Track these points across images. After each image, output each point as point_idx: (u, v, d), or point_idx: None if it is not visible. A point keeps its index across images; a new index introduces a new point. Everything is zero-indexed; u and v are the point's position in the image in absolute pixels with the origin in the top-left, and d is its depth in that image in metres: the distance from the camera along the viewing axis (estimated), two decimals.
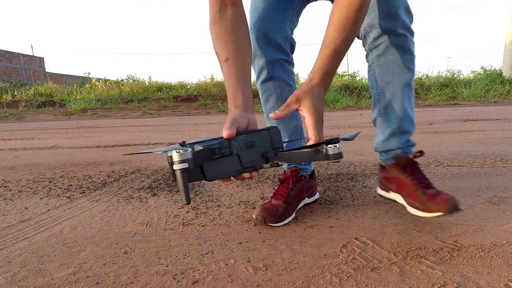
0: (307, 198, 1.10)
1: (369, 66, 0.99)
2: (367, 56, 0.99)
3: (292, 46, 1.05)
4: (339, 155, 0.62)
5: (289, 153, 0.68)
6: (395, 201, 1.01)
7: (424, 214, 0.86)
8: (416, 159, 0.97)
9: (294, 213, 1.01)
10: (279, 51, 1.01)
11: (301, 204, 1.06)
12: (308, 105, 0.70)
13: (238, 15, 0.80)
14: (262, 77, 1.03)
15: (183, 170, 0.57)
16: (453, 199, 0.83)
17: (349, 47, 0.74)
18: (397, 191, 0.97)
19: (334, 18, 0.72)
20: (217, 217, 1.03)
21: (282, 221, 0.96)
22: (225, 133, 0.65)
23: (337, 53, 0.72)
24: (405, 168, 0.95)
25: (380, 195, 1.09)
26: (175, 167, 0.57)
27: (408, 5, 0.90)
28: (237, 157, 0.66)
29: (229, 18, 0.79)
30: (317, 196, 1.15)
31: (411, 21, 0.92)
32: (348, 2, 0.70)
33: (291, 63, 1.06)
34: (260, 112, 1.44)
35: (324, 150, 0.64)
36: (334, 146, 0.62)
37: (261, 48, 0.99)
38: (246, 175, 0.68)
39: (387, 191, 1.04)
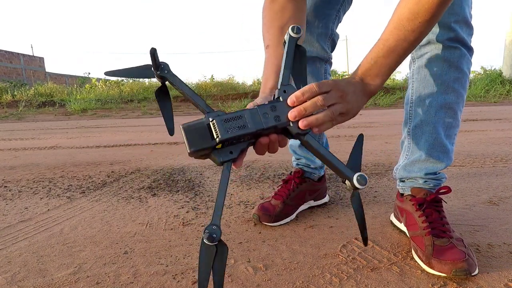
0: (312, 201, 1.08)
1: (409, 79, 0.87)
2: (410, 66, 0.86)
3: (333, 42, 0.99)
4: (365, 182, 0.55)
5: (322, 148, 0.57)
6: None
7: (424, 267, 0.70)
8: (440, 196, 0.81)
9: (295, 215, 1.00)
10: (312, 47, 0.94)
11: (304, 207, 1.05)
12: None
13: (291, 4, 0.76)
14: None
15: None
16: (465, 262, 0.65)
17: (409, 49, 0.60)
18: (406, 227, 0.83)
19: (399, 6, 0.58)
20: None
21: (278, 221, 0.95)
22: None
23: (390, 51, 0.59)
24: (421, 205, 0.80)
25: (391, 221, 0.94)
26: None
27: (467, 16, 0.77)
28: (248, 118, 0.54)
29: (279, 6, 0.76)
30: (325, 199, 1.12)
31: (470, 34, 0.79)
32: None
33: (327, 61, 0.99)
34: None
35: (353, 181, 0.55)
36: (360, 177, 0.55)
37: None
38: (263, 139, 0.55)
39: (399, 220, 0.89)
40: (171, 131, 0.64)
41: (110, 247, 0.85)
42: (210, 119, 0.52)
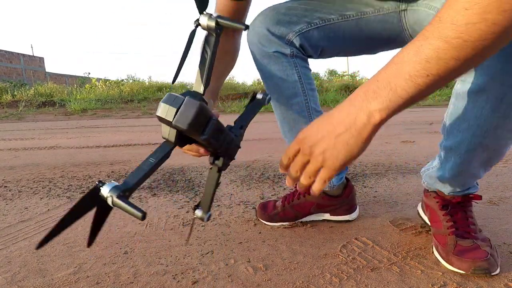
0: (327, 214, 0.97)
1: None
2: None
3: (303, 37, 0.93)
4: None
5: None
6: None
7: (444, 263, 0.70)
8: (468, 198, 0.77)
9: (296, 221, 0.96)
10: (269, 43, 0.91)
11: (315, 218, 0.97)
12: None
13: (230, 38, 0.89)
14: None
15: None
16: (486, 261, 0.65)
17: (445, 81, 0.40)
18: (430, 223, 0.83)
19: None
20: (217, 217, 1.03)
21: (271, 222, 0.96)
22: None
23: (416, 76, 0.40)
24: (446, 206, 0.77)
25: (417, 211, 0.92)
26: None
27: None
28: None
29: (228, 39, 0.88)
30: (347, 217, 0.96)
31: None
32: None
33: (293, 55, 0.90)
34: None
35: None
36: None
37: None
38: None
39: (425, 212, 0.88)
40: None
41: (110, 247, 0.85)
42: None
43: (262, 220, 0.98)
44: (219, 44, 0.58)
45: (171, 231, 0.94)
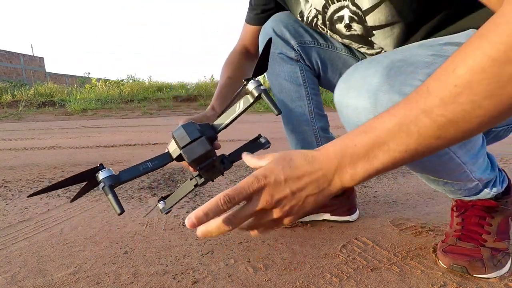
0: (327, 215, 0.97)
1: None
2: None
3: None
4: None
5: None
6: None
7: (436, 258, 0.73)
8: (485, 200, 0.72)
9: (296, 221, 0.96)
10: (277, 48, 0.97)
11: (315, 217, 0.97)
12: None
13: (250, 62, 0.96)
14: None
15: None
16: (468, 261, 0.65)
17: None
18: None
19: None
20: None
21: None
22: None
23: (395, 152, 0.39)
24: (459, 207, 0.75)
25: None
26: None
27: None
28: None
29: (242, 59, 0.96)
30: (347, 218, 0.96)
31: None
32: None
33: (297, 60, 0.95)
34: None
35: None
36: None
37: None
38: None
39: None
40: None
41: (110, 247, 0.85)
42: None
43: None
44: (240, 69, 0.85)
45: (171, 231, 0.94)
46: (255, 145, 0.69)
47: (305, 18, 0.78)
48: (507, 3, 0.32)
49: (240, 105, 0.63)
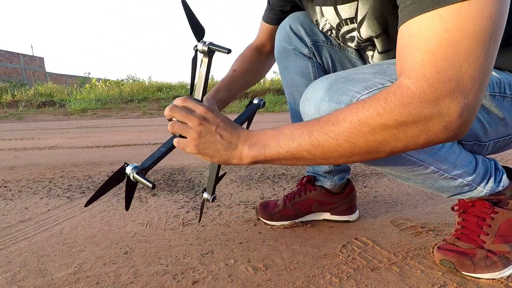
0: (327, 214, 0.97)
1: None
2: None
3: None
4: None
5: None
6: None
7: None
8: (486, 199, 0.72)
9: (296, 221, 0.97)
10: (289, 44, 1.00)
11: (315, 217, 0.98)
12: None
13: (263, 58, 1.00)
14: None
15: None
16: (458, 258, 0.68)
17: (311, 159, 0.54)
18: None
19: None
20: (217, 217, 1.03)
21: (272, 220, 0.96)
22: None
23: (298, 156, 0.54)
24: (459, 208, 0.75)
25: None
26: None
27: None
28: None
29: (258, 54, 0.99)
30: (346, 217, 0.96)
31: None
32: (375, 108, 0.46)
33: (309, 58, 0.94)
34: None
35: None
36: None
37: None
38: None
39: None
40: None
41: (110, 247, 0.85)
42: None
43: (262, 219, 0.98)
44: (249, 63, 0.92)
45: (171, 231, 0.94)
46: (251, 107, 0.77)
47: (320, 28, 0.83)
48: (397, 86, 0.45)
49: (202, 69, 0.67)
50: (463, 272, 0.67)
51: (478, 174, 0.68)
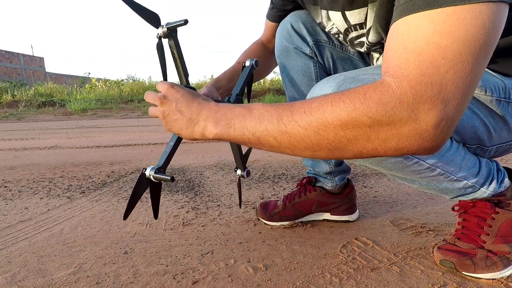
0: (327, 214, 0.97)
1: None
2: None
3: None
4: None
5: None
6: None
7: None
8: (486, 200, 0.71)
9: (296, 221, 0.97)
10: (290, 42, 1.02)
11: (315, 217, 0.98)
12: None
13: (269, 53, 1.00)
14: None
15: None
16: (457, 258, 0.67)
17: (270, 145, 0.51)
18: None
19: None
20: (217, 217, 1.03)
21: (271, 221, 0.96)
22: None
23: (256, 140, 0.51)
24: (460, 208, 0.75)
25: None
26: None
27: None
28: None
29: (263, 48, 1.00)
30: (347, 217, 0.96)
31: None
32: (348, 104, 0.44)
33: (311, 58, 0.93)
34: None
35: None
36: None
37: None
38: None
39: None
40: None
41: (110, 247, 0.85)
42: None
43: (262, 219, 0.98)
44: (254, 56, 0.87)
45: (171, 231, 0.94)
46: (245, 71, 0.77)
47: (326, 30, 0.82)
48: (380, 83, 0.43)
49: (174, 53, 0.68)
50: (463, 272, 0.67)
51: (482, 175, 0.68)
